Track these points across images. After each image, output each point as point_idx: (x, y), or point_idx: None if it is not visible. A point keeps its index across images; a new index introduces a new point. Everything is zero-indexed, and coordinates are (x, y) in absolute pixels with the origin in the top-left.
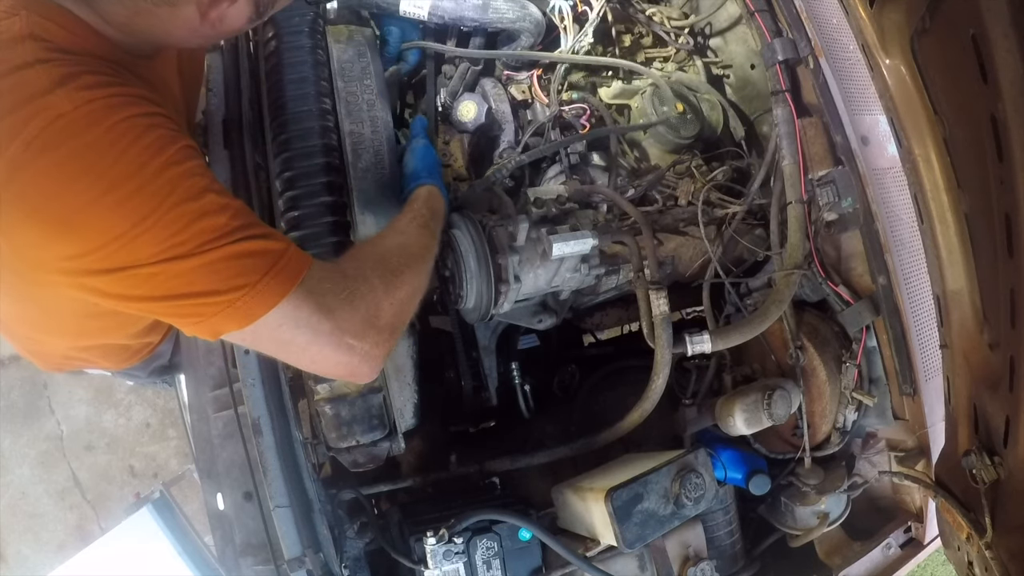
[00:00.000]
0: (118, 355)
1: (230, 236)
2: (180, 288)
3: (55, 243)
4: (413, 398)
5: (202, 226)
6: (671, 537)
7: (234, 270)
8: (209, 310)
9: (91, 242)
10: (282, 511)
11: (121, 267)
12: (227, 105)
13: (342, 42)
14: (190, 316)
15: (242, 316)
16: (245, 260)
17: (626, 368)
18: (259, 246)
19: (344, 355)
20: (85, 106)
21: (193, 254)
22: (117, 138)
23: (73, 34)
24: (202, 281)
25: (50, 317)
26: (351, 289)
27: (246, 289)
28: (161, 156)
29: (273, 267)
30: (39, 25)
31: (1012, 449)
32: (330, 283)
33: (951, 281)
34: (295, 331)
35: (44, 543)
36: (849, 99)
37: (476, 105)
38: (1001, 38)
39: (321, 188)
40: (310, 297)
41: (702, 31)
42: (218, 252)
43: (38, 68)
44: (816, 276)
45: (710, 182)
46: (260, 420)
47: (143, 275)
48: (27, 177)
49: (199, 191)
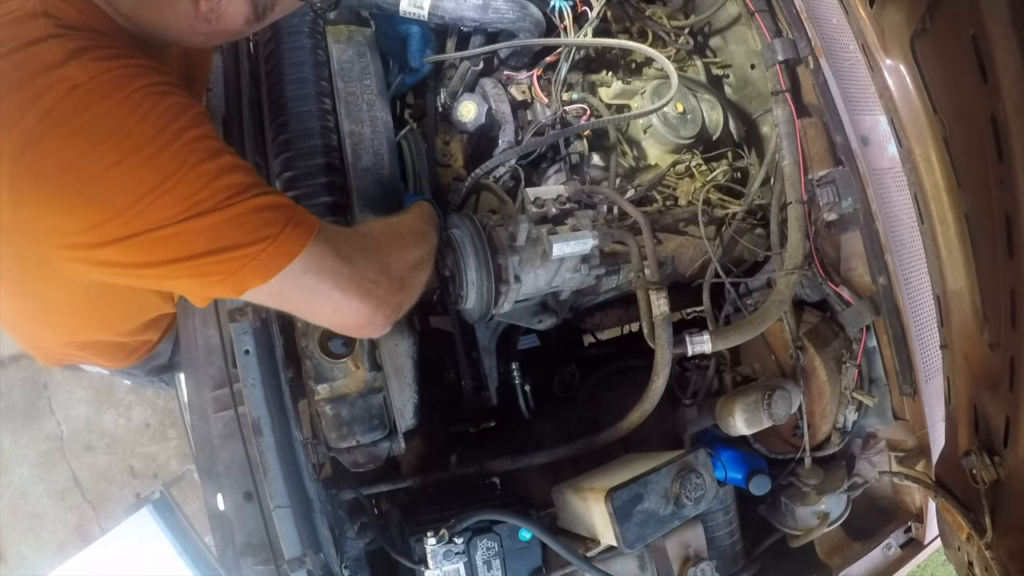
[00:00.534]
0: (115, 353)
1: (249, 191)
2: (204, 245)
3: (71, 215)
4: (413, 398)
5: (222, 183)
6: (671, 537)
7: (257, 223)
8: (235, 264)
9: (110, 210)
10: (282, 511)
11: (142, 231)
12: (227, 105)
13: (342, 42)
14: (215, 274)
15: (267, 268)
16: (266, 213)
17: (626, 368)
18: (276, 200)
19: (364, 300)
20: (100, 76)
21: (215, 209)
22: (134, 106)
23: (85, 14)
24: (226, 236)
25: (47, 311)
26: (363, 243)
27: (269, 240)
28: (179, 121)
29: (291, 219)
30: (52, 4)
31: (1012, 449)
32: (343, 235)
33: (951, 281)
34: (317, 278)
35: (44, 543)
36: (849, 99)
37: (476, 105)
38: (1001, 38)
39: (321, 188)
40: (329, 245)
41: (702, 31)
42: (239, 207)
43: (51, 42)
44: (816, 276)
45: (710, 182)
46: (260, 420)
47: (165, 236)
48: (44, 149)
49: (216, 151)
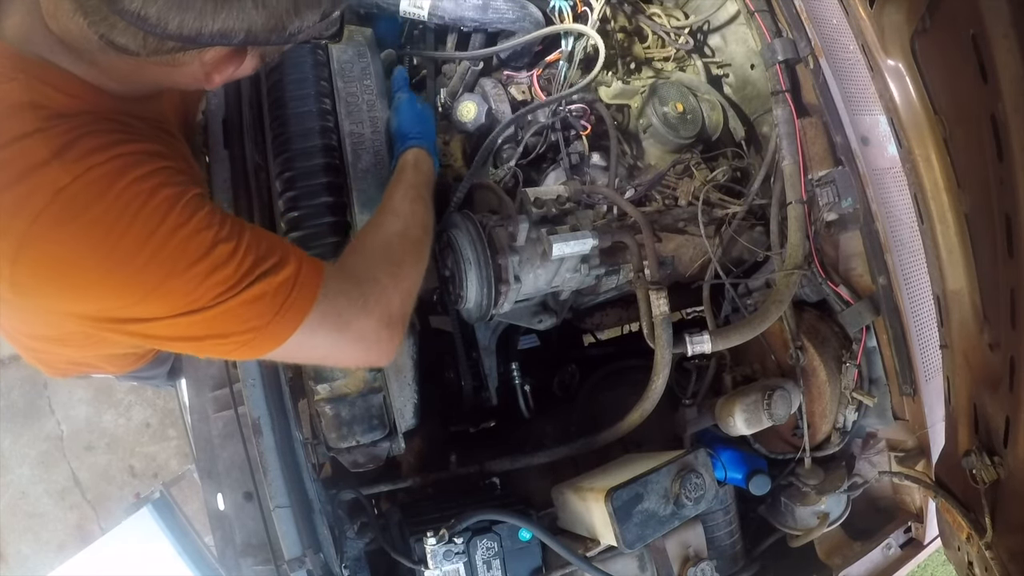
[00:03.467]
0: (123, 360)
1: (241, 283)
2: (198, 333)
3: (72, 303)
4: (413, 398)
5: (214, 280)
6: (671, 537)
7: (248, 314)
8: (228, 348)
9: (108, 302)
10: (282, 511)
11: (140, 319)
12: (227, 105)
13: (342, 42)
14: (211, 352)
15: (259, 349)
16: (257, 303)
17: (626, 368)
18: (271, 284)
19: (363, 354)
20: (84, 176)
21: (208, 307)
22: (123, 209)
23: (72, 96)
24: (219, 327)
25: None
26: (364, 295)
27: (258, 330)
28: (168, 220)
29: (284, 302)
30: (37, 91)
31: (1012, 449)
32: (344, 297)
33: (951, 281)
34: (313, 349)
35: (44, 543)
36: (849, 99)
37: (476, 105)
38: (1001, 38)
39: (321, 188)
40: (325, 318)
41: (701, 30)
42: (231, 303)
43: (36, 137)
44: (816, 276)
45: (710, 182)
46: (260, 420)
47: (164, 324)
48: (38, 253)
49: (208, 247)
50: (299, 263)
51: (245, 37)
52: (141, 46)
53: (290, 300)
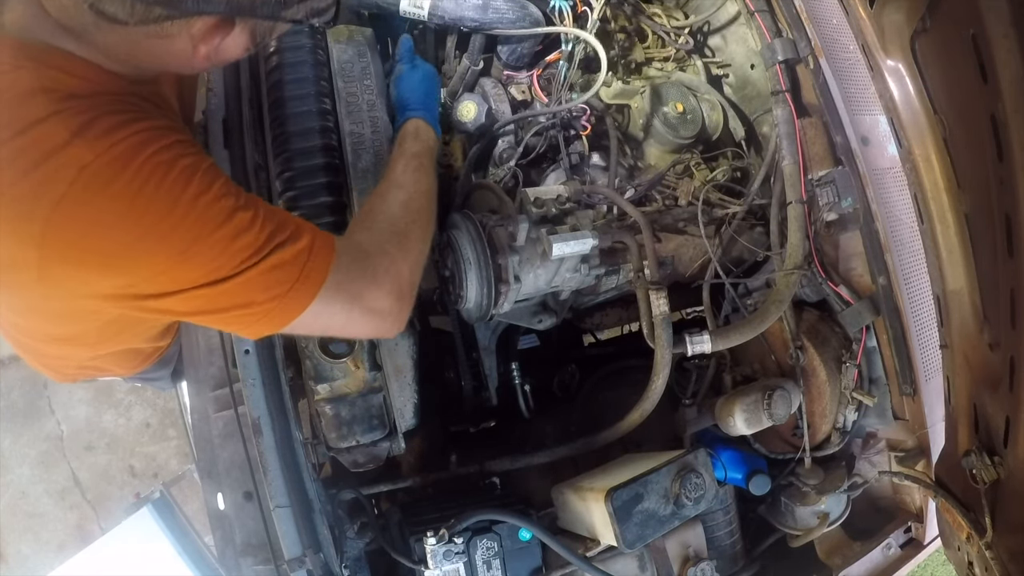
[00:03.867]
0: (131, 360)
1: (263, 250)
2: (224, 303)
3: (99, 279)
4: (413, 398)
5: (238, 246)
6: (671, 537)
7: (269, 281)
8: (251, 318)
9: (135, 275)
10: (282, 511)
11: (167, 292)
12: (227, 105)
13: (342, 42)
14: (234, 324)
15: (279, 320)
16: (277, 272)
17: (626, 368)
18: (288, 254)
19: (375, 324)
20: (106, 153)
21: (232, 276)
22: (145, 181)
23: (80, 78)
24: (242, 295)
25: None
26: (374, 266)
27: (280, 297)
28: (190, 188)
29: (302, 271)
30: (47, 76)
31: (1012, 449)
32: (356, 267)
33: (951, 281)
34: (330, 319)
35: (44, 543)
36: (849, 99)
37: (476, 105)
38: (1001, 38)
39: (321, 188)
40: (339, 289)
41: (701, 30)
42: (254, 270)
43: (53, 120)
44: (816, 276)
45: (710, 182)
46: (260, 420)
47: (189, 296)
48: (64, 232)
49: (229, 213)
50: (312, 235)
51: (228, 5)
52: (129, 14)
53: (307, 269)
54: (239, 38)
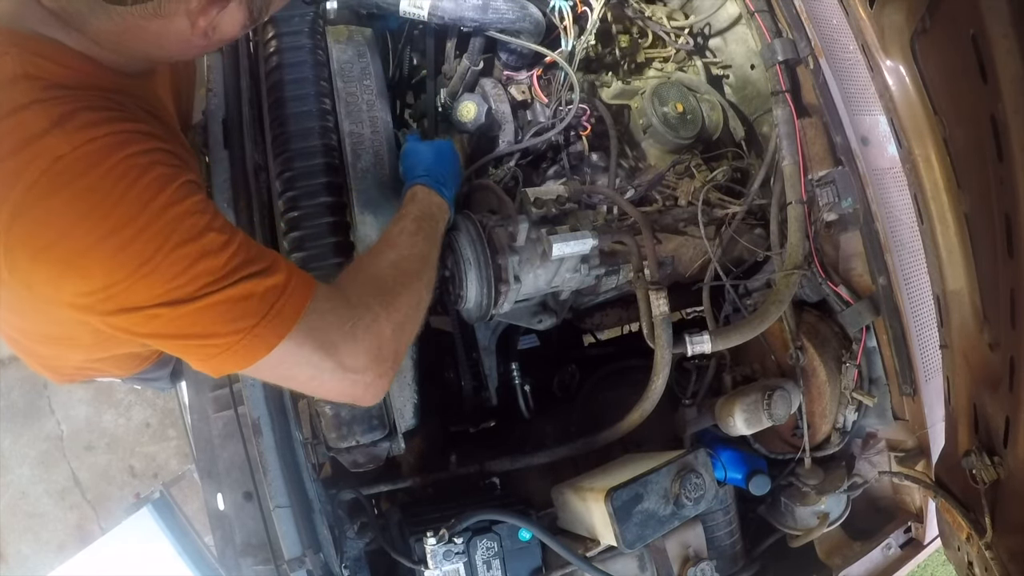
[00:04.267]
0: (129, 362)
1: (229, 278)
2: (182, 329)
3: (64, 281)
4: (413, 398)
5: (201, 268)
6: (671, 537)
7: (233, 313)
8: (210, 351)
9: (97, 282)
10: (282, 511)
11: (125, 308)
12: (227, 105)
13: (342, 42)
14: (193, 355)
15: (241, 358)
16: (243, 303)
17: (626, 368)
18: (259, 286)
19: (348, 387)
20: (84, 147)
21: (192, 298)
22: (117, 179)
23: (67, 68)
24: (202, 324)
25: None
26: (354, 319)
27: (243, 333)
28: (161, 196)
29: (272, 308)
30: (31, 63)
31: (1012, 449)
32: (333, 315)
33: (951, 281)
34: (296, 368)
35: (44, 543)
36: (849, 99)
37: (476, 105)
38: (1001, 38)
39: (321, 188)
40: (311, 335)
41: (702, 31)
42: (217, 296)
43: (34, 108)
44: (816, 276)
45: (710, 182)
46: (260, 420)
47: (147, 315)
48: (31, 220)
49: (199, 230)
50: (289, 274)
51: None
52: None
53: (277, 307)
54: (236, 13)
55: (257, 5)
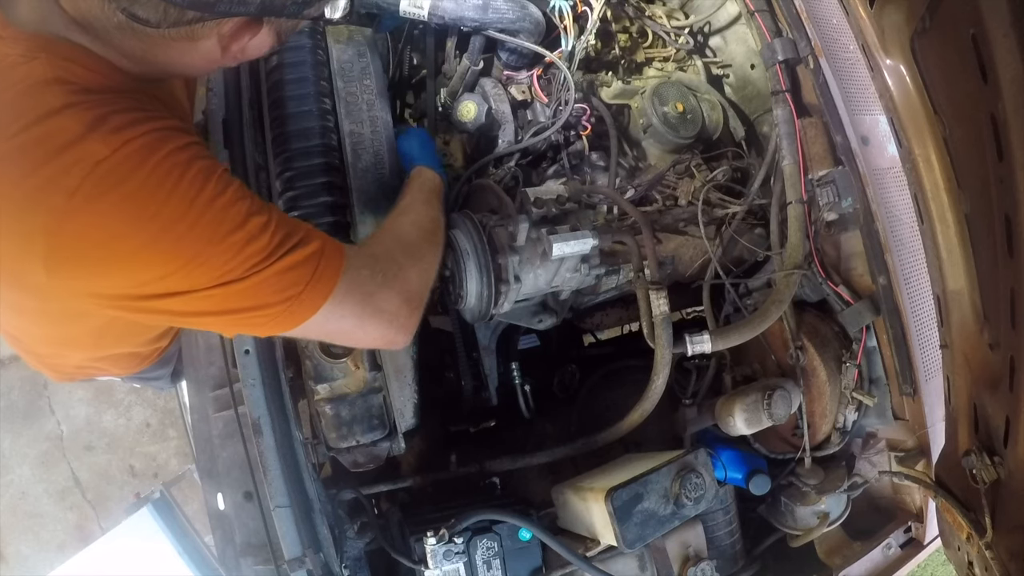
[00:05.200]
0: (128, 362)
1: (275, 254)
2: (234, 305)
3: (107, 277)
4: (413, 398)
5: (250, 251)
6: (671, 537)
7: (282, 283)
8: (261, 320)
9: (145, 274)
10: (282, 511)
11: (179, 292)
12: (227, 105)
13: (342, 42)
14: (244, 326)
15: (291, 321)
16: (290, 273)
17: (626, 368)
18: (300, 255)
19: (385, 330)
20: (122, 148)
21: (245, 277)
22: (161, 179)
23: (96, 73)
24: (254, 297)
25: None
26: (384, 270)
27: (292, 299)
28: (205, 190)
29: (315, 273)
30: (61, 67)
31: (1012, 449)
32: (367, 270)
33: (951, 281)
34: (340, 322)
35: (44, 543)
36: (849, 99)
37: (476, 105)
38: (1001, 38)
39: (321, 188)
40: (351, 289)
41: (702, 31)
42: (266, 272)
43: (67, 113)
44: (816, 276)
45: (710, 182)
46: (260, 420)
47: (200, 296)
48: (78, 225)
49: (244, 217)
50: (322, 239)
51: (261, 4)
52: (162, 18)
53: (319, 271)
54: (266, 37)
55: (285, 29)
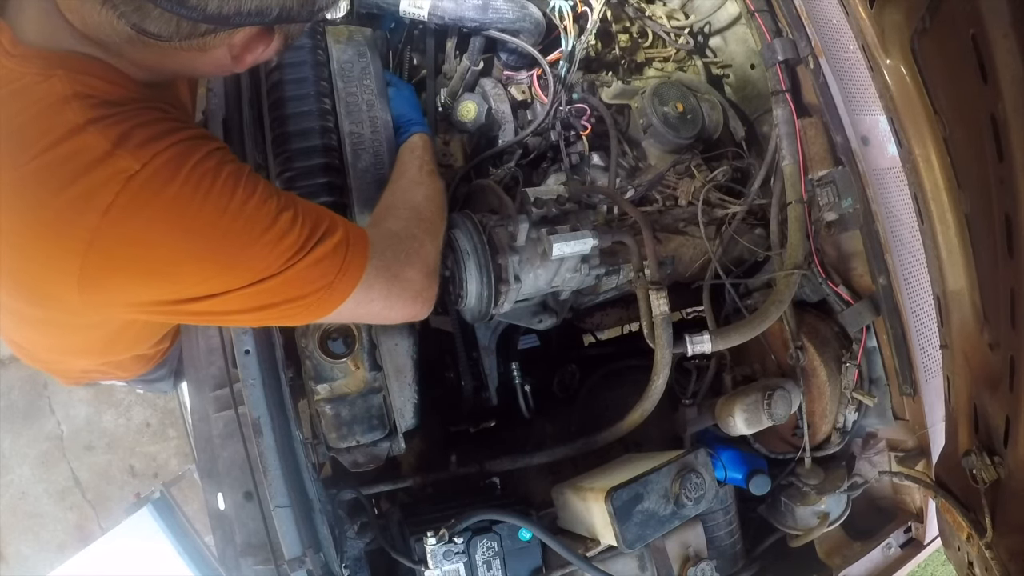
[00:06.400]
0: (134, 365)
1: (306, 246)
2: (271, 300)
3: (145, 287)
4: (413, 398)
5: (283, 246)
6: (671, 537)
7: (315, 273)
8: (296, 310)
9: (187, 282)
10: (282, 511)
11: (217, 293)
12: (227, 105)
13: (342, 42)
14: (279, 319)
15: (325, 309)
16: (321, 264)
17: (626, 368)
18: (330, 244)
19: (411, 305)
20: (152, 161)
21: (280, 272)
22: (194, 189)
23: (114, 84)
24: (290, 290)
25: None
26: (406, 249)
27: (325, 288)
28: (236, 195)
29: (344, 260)
30: (80, 82)
31: (1012, 449)
32: (391, 251)
33: (951, 281)
34: (370, 304)
35: (44, 543)
36: (849, 99)
37: (476, 105)
38: (1001, 38)
39: (320, 188)
40: (379, 272)
41: (702, 31)
42: (299, 266)
43: (91, 130)
44: (816, 276)
45: (710, 182)
46: (260, 420)
47: (237, 295)
48: (111, 242)
49: (274, 216)
50: (346, 227)
51: (279, 13)
52: (174, 32)
53: (348, 258)
54: (275, 43)
55: (294, 32)
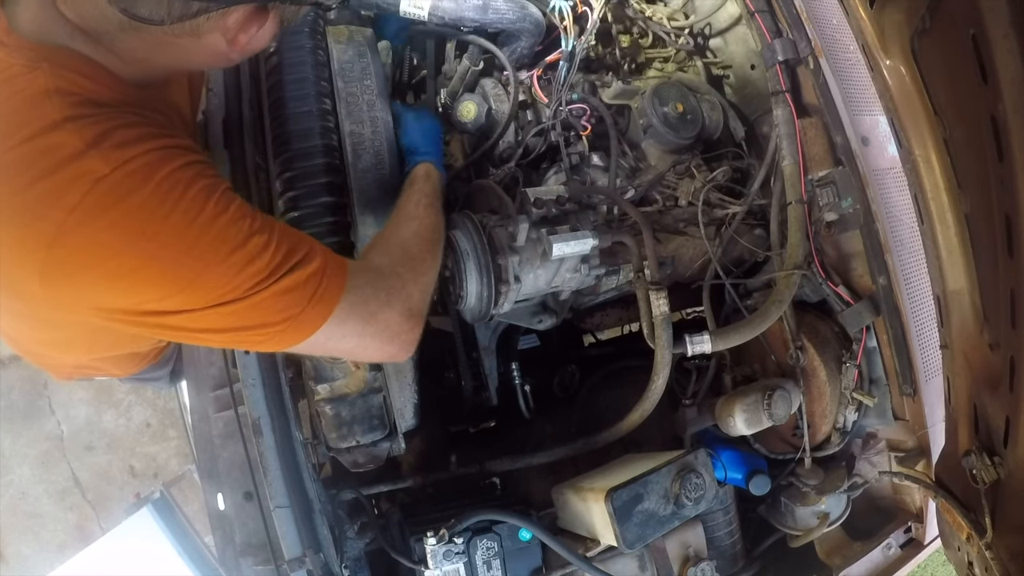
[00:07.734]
0: (128, 362)
1: (275, 274)
2: (234, 324)
3: (104, 294)
4: (413, 398)
5: (251, 271)
6: (671, 537)
7: (281, 304)
8: (261, 338)
9: (144, 294)
10: (282, 511)
11: (178, 310)
12: (227, 105)
13: (342, 42)
14: (244, 343)
15: (291, 339)
16: (289, 295)
17: (626, 368)
18: (302, 275)
19: (387, 347)
20: (123, 167)
21: (244, 297)
22: (162, 199)
23: (99, 84)
24: (254, 317)
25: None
26: (387, 287)
27: (291, 319)
28: (206, 210)
29: (315, 293)
30: (64, 78)
31: (1012, 449)
32: (370, 288)
33: (951, 281)
34: (343, 340)
35: (44, 543)
36: (849, 99)
37: (476, 105)
38: (1001, 38)
39: (321, 188)
40: (353, 309)
41: (702, 31)
42: (266, 292)
43: (68, 127)
44: (816, 276)
45: (710, 182)
46: (260, 420)
47: (199, 315)
48: (74, 242)
49: (244, 237)
50: (325, 257)
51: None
52: (166, 14)
53: (320, 291)
54: (271, 26)
55: (288, 15)
